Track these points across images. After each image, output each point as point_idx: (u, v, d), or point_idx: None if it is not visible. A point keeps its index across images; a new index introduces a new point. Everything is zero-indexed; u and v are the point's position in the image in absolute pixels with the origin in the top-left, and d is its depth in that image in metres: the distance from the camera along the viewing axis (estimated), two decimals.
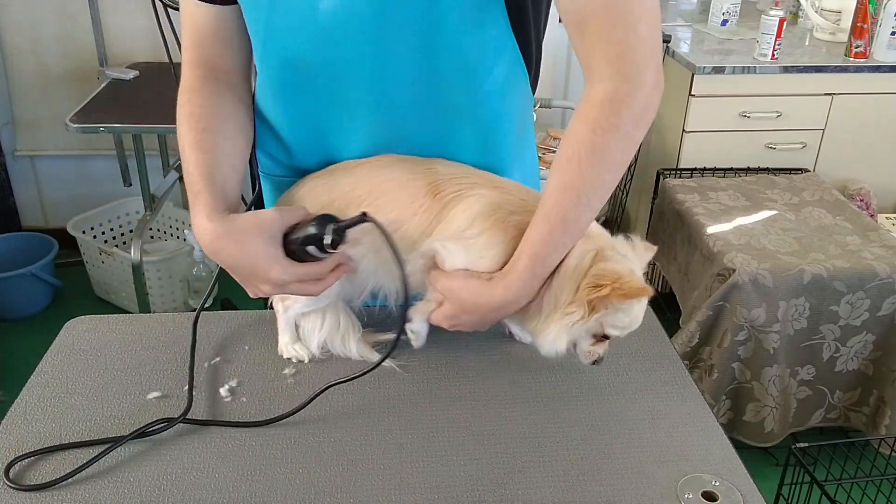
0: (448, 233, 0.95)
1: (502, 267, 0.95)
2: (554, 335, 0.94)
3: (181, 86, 1.04)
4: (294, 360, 1.07)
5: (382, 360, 1.00)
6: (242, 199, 1.04)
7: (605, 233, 0.97)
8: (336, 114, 1.03)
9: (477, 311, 0.96)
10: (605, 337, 0.96)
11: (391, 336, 1.08)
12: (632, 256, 0.96)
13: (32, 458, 0.91)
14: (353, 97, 1.01)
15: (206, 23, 1.02)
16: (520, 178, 1.09)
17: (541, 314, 0.95)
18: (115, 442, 0.93)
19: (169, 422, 0.96)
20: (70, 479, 0.88)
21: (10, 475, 0.88)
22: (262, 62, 1.03)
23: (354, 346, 1.07)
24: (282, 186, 1.11)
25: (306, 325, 1.08)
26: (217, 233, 0.93)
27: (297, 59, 0.99)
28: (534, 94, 1.11)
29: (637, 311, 0.95)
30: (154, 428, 0.95)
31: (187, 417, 0.97)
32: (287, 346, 1.08)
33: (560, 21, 0.92)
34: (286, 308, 1.06)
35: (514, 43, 0.98)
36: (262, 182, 1.19)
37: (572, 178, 0.89)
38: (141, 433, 0.94)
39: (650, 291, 0.91)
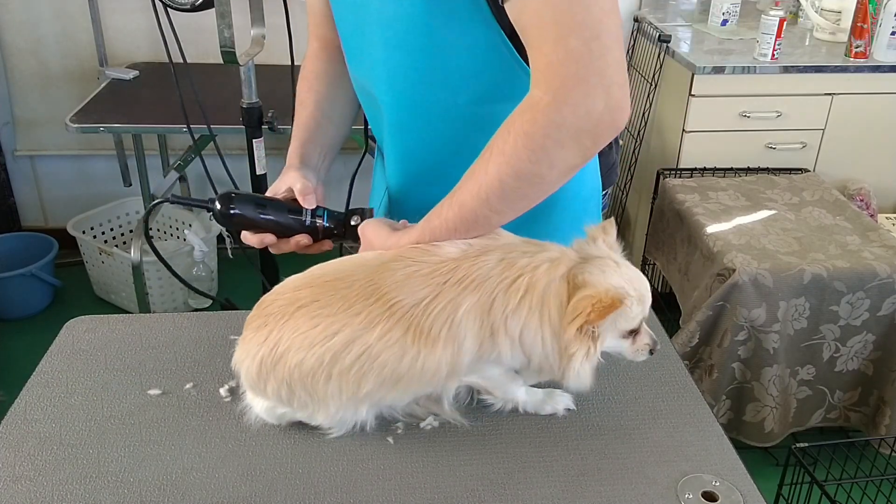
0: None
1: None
2: (583, 375, 0.88)
3: (306, 54, 1.23)
4: None
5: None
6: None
7: (560, 247, 0.92)
8: (370, 110, 1.15)
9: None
10: (634, 332, 0.92)
11: None
12: (599, 255, 0.90)
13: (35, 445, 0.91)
14: (379, 97, 1.08)
15: (318, 6, 1.19)
16: None
17: (551, 368, 0.90)
18: None
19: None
20: (70, 478, 0.88)
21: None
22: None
23: None
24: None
25: None
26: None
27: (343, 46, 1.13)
28: None
29: (636, 300, 0.88)
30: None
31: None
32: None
33: None
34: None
35: (510, 46, 0.96)
36: None
37: (479, 167, 0.90)
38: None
39: (621, 301, 0.84)
